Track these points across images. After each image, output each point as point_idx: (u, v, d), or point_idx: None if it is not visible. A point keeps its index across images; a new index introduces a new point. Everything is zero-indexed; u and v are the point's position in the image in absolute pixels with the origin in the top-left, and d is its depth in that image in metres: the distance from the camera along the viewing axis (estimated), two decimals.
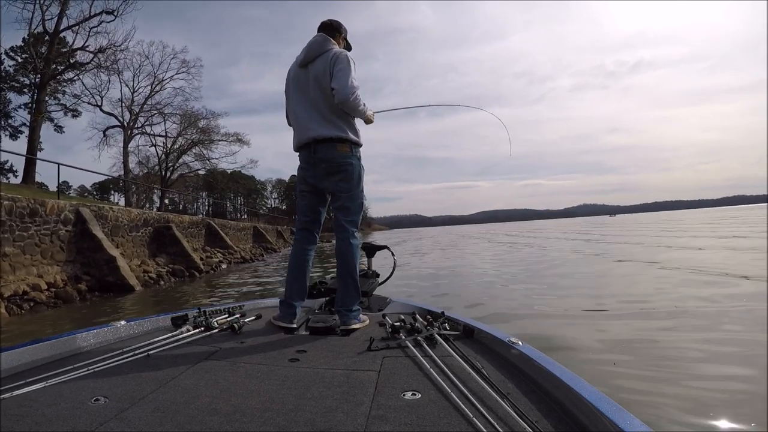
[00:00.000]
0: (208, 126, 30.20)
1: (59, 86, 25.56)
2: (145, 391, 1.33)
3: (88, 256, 10.06)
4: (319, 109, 2.21)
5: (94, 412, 1.19)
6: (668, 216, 68.90)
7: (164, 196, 31.99)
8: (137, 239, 12.65)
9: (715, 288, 5.95)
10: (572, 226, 39.52)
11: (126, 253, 11.90)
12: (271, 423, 1.13)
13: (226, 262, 15.86)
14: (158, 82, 28.69)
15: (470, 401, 1.21)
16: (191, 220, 16.97)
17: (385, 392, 1.32)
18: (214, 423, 1.12)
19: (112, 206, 12.11)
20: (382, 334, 1.93)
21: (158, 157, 30.12)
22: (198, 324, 2.07)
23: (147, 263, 12.29)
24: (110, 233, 11.35)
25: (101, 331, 1.88)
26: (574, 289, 6.64)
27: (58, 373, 1.45)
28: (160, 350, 1.74)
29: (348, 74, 2.14)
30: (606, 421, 0.98)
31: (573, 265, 10.13)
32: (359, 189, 2.28)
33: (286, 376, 1.47)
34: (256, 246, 24.51)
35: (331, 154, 2.20)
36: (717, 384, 2.82)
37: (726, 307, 4.80)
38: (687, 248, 12.47)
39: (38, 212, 9.24)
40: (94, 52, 22.42)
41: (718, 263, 8.39)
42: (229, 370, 1.53)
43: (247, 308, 2.49)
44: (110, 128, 28.18)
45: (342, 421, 1.13)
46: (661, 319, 4.46)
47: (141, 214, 13.11)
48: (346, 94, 2.12)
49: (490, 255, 14.97)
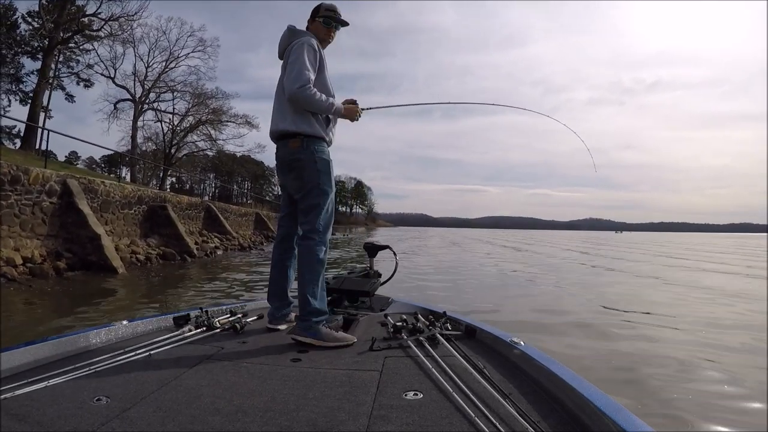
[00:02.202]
0: (219, 107, 29.55)
1: (73, 54, 25.06)
2: (147, 390, 1.33)
3: (71, 231, 9.36)
4: (280, 104, 2.13)
5: (96, 411, 1.18)
6: (679, 238, 68.11)
7: (166, 174, 31.35)
8: (129, 217, 11.93)
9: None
10: (576, 241, 38.27)
11: (115, 231, 11.20)
12: (273, 423, 1.13)
13: (222, 249, 15.15)
14: (173, 59, 28.25)
15: (472, 401, 1.21)
16: (190, 201, 16.22)
17: (387, 392, 1.32)
18: (216, 423, 1.12)
19: (104, 180, 11.37)
20: (383, 334, 1.92)
21: (164, 133, 29.51)
22: (200, 324, 2.04)
23: (137, 243, 11.58)
24: (99, 209, 10.65)
25: (103, 331, 1.86)
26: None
27: (60, 373, 1.43)
28: (162, 350, 1.72)
29: (294, 68, 2.01)
30: (608, 420, 0.99)
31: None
32: (316, 187, 2.07)
33: (288, 376, 1.47)
34: (257, 233, 23.80)
35: (282, 151, 2.13)
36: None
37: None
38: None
39: (20, 180, 8.53)
40: (105, 19, 21.72)
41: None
42: (231, 370, 1.53)
43: (249, 308, 2.45)
44: (121, 101, 27.93)
45: (344, 421, 1.13)
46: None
47: (135, 190, 12.38)
48: (290, 89, 2.00)
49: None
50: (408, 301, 2.62)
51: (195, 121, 29.18)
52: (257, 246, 19.11)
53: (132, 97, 27.72)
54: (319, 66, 2.10)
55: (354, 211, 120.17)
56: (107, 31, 22.75)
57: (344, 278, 2.69)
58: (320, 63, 2.11)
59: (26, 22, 24.23)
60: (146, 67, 27.70)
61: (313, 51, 2.05)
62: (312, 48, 2.05)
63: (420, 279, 9.38)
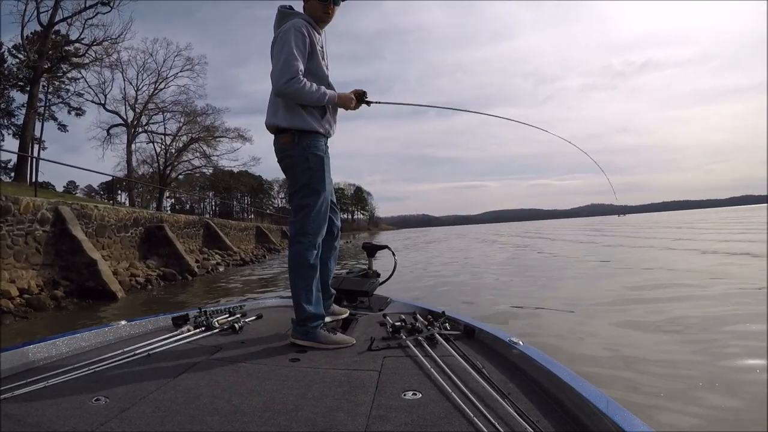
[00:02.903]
0: (212, 124, 29.45)
1: (61, 84, 25.04)
2: (146, 390, 1.32)
3: (67, 259, 9.16)
4: (273, 97, 1.96)
5: (95, 411, 1.18)
6: (687, 216, 65.72)
7: (163, 195, 31.20)
8: (126, 240, 11.73)
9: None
10: (581, 228, 36.88)
11: (113, 255, 11.00)
12: (271, 423, 1.13)
13: (224, 264, 14.95)
14: (162, 80, 28.23)
15: (471, 401, 1.21)
16: (188, 220, 16.03)
17: (386, 392, 1.32)
18: (214, 423, 1.12)
19: (98, 204, 11.19)
20: (382, 334, 1.91)
21: (156, 154, 29.35)
22: (199, 324, 2.04)
23: (136, 266, 11.38)
24: (94, 234, 10.45)
25: (102, 331, 1.86)
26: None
27: (59, 373, 1.42)
28: (161, 350, 1.72)
29: (280, 58, 1.83)
30: (607, 421, 0.98)
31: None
32: (306, 186, 1.94)
33: (286, 376, 1.48)
34: (259, 246, 23.61)
35: (276, 146, 2.01)
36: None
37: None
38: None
39: (11, 210, 8.34)
40: (88, 44, 21.64)
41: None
42: (229, 370, 1.53)
43: (248, 308, 2.45)
44: (114, 126, 27.86)
45: (343, 421, 1.13)
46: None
47: (130, 212, 12.19)
48: (276, 84, 1.85)
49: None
50: (407, 301, 2.61)
51: (188, 140, 29.04)
52: (259, 259, 18.91)
53: (124, 122, 27.61)
54: (310, 51, 1.92)
55: (356, 217, 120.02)
56: (92, 56, 22.69)
57: (343, 278, 2.65)
58: (311, 48, 1.92)
59: (12, 56, 24.36)
60: (136, 90, 27.67)
61: (301, 36, 1.87)
62: (300, 33, 1.87)
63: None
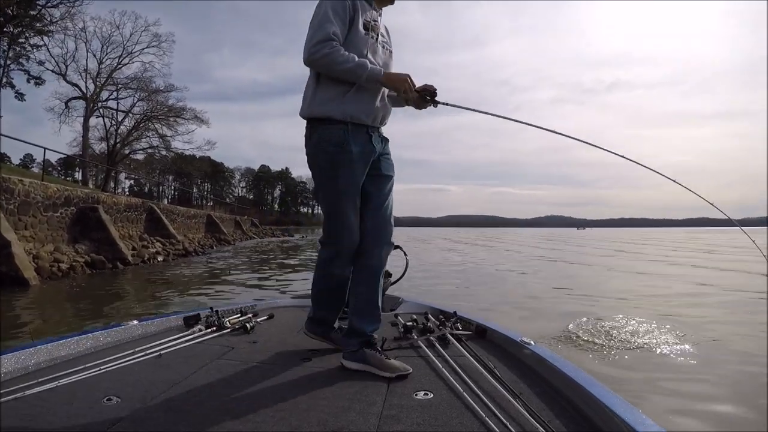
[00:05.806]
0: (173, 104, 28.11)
1: (23, 50, 23.12)
2: (158, 390, 1.32)
3: None
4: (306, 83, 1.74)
5: (106, 411, 1.18)
6: (646, 234, 68.55)
7: (110, 174, 29.41)
8: (54, 221, 10.79)
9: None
10: (540, 241, 37.43)
11: (36, 237, 10.08)
12: (283, 423, 1.13)
13: (164, 254, 14.08)
14: (127, 54, 26.80)
15: (482, 401, 1.22)
16: (129, 202, 15.02)
17: (398, 392, 1.33)
18: (226, 423, 1.12)
19: (23, 179, 10.18)
20: (394, 334, 1.91)
21: (106, 129, 27.67)
22: (210, 324, 2.03)
23: (62, 250, 10.48)
24: (16, 211, 9.53)
25: (113, 331, 1.85)
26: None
27: (70, 373, 1.42)
28: (173, 350, 1.71)
29: (313, 26, 1.56)
30: (618, 420, 0.98)
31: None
32: (321, 183, 1.68)
33: (298, 376, 1.48)
34: (208, 236, 22.62)
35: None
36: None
37: None
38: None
39: None
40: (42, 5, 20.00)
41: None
42: (241, 370, 1.52)
43: (260, 308, 2.46)
44: (72, 99, 26.19)
45: (354, 421, 1.13)
46: None
47: (62, 190, 11.21)
48: (306, 51, 1.56)
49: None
50: (418, 301, 2.61)
51: (140, 117, 27.52)
52: (205, 250, 18.03)
53: (83, 95, 25.97)
54: (352, 20, 1.59)
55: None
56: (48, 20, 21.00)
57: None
58: (354, 16, 1.60)
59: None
60: (99, 63, 26.13)
61: (341, 1, 1.57)
62: (330, 2, 1.57)
63: None
